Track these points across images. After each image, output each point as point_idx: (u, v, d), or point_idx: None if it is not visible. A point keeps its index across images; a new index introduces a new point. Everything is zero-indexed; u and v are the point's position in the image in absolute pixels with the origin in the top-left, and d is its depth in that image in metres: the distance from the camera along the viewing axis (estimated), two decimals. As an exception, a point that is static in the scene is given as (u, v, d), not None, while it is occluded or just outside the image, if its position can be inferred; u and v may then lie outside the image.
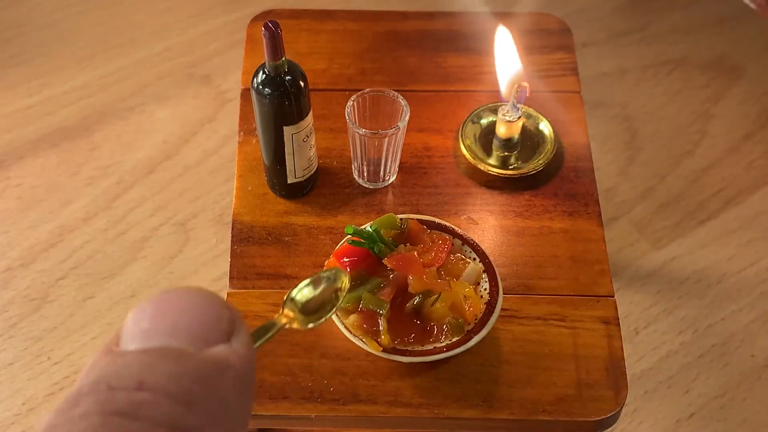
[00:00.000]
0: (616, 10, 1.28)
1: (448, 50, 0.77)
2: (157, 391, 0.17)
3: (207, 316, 0.19)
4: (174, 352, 0.18)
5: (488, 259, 0.60)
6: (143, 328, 0.19)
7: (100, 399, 0.17)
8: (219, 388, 0.18)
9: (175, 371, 0.18)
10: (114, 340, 0.19)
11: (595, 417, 0.57)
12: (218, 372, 0.18)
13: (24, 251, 0.99)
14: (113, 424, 0.17)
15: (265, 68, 0.58)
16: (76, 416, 0.17)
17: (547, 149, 0.69)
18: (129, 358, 0.18)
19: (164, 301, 0.19)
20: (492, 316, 0.57)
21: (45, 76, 1.17)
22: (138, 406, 0.17)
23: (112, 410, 0.17)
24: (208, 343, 0.19)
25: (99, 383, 0.18)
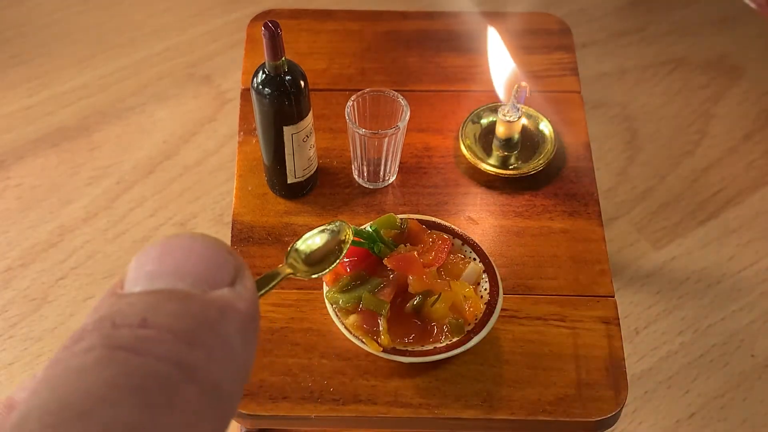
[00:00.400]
0: (616, 10, 1.28)
1: (448, 50, 0.77)
2: (160, 329, 0.17)
3: (212, 260, 0.19)
4: (178, 293, 0.18)
5: (488, 259, 0.60)
6: (147, 271, 0.19)
7: (103, 334, 0.17)
8: (222, 330, 0.18)
9: (178, 310, 0.18)
10: (118, 283, 0.19)
11: (595, 417, 0.57)
12: (222, 314, 0.18)
13: (24, 251, 0.99)
14: (117, 357, 0.17)
15: (265, 68, 0.58)
16: (80, 350, 0.17)
17: (547, 149, 0.69)
18: (133, 299, 0.18)
19: (169, 245, 0.20)
20: (492, 316, 0.57)
21: (45, 76, 1.17)
22: (142, 341, 0.17)
23: (116, 345, 0.17)
24: (212, 286, 0.19)
25: (103, 321, 0.18)
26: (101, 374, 0.16)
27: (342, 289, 0.57)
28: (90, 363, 0.17)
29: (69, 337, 0.18)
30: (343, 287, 0.57)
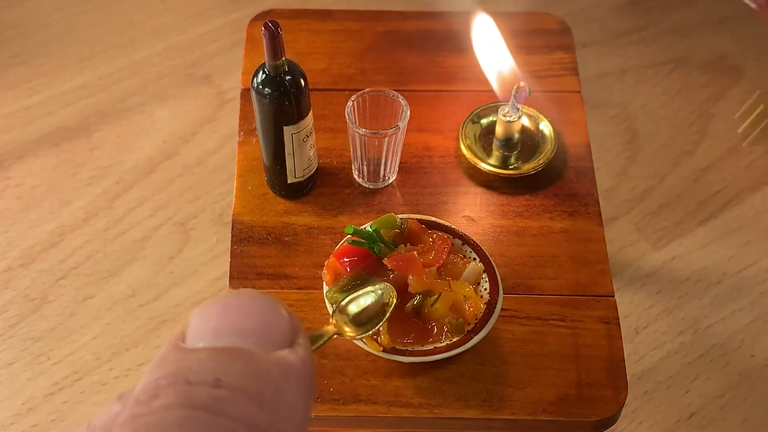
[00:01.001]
0: (616, 10, 1.28)
1: (448, 50, 0.77)
2: (234, 390, 0.18)
3: (272, 321, 0.20)
4: (244, 353, 0.19)
5: (488, 259, 0.60)
6: (211, 327, 0.20)
7: (180, 392, 0.18)
8: (286, 390, 0.19)
9: (247, 371, 0.18)
10: (179, 336, 0.20)
11: (595, 417, 0.57)
12: (285, 375, 0.19)
13: (24, 251, 0.99)
14: (198, 418, 0.17)
15: (265, 68, 0.58)
16: (159, 407, 0.18)
17: (547, 149, 0.69)
18: (202, 355, 0.19)
19: (230, 303, 0.20)
20: (492, 316, 0.57)
21: (45, 76, 1.17)
22: (219, 402, 0.18)
23: (196, 404, 0.18)
24: (273, 346, 0.19)
25: (177, 376, 0.18)
26: None
27: (342, 288, 0.57)
28: (172, 421, 0.17)
29: (140, 391, 0.19)
30: (343, 287, 0.57)
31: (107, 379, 0.90)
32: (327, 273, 0.58)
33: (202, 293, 0.96)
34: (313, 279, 0.63)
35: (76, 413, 0.88)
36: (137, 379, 0.90)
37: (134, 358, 0.91)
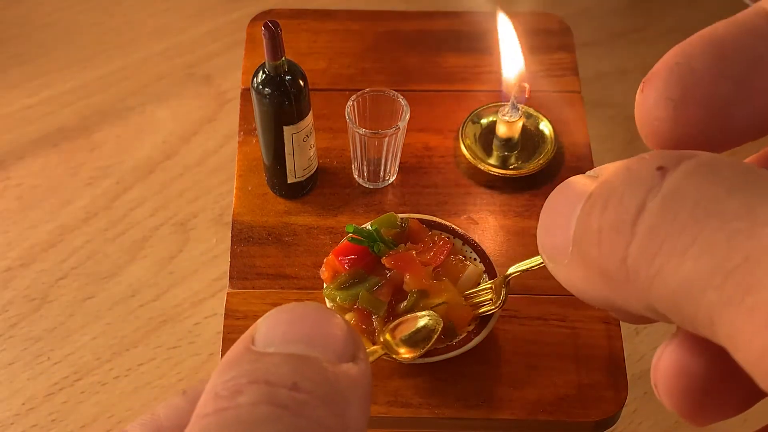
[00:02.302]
0: (616, 10, 1.28)
1: (448, 50, 0.77)
2: (311, 395, 0.19)
3: (337, 333, 0.21)
4: (315, 361, 0.20)
5: (489, 260, 0.59)
6: (281, 332, 0.20)
7: (263, 391, 0.19)
8: (351, 401, 0.20)
9: (320, 378, 0.19)
10: (248, 339, 0.21)
11: (596, 417, 0.57)
12: (350, 387, 0.20)
13: (24, 251, 0.99)
14: (283, 416, 0.18)
15: (265, 68, 0.58)
16: (245, 404, 0.19)
17: (547, 149, 0.69)
18: (276, 360, 0.20)
19: (298, 312, 0.21)
20: (492, 317, 0.57)
21: (45, 76, 1.17)
22: (300, 405, 0.19)
23: (280, 404, 0.18)
24: (339, 358, 0.20)
25: (256, 377, 0.19)
26: (272, 429, 0.18)
27: (339, 286, 0.56)
28: (260, 417, 0.18)
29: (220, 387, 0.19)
30: (340, 285, 0.56)
31: (107, 379, 0.90)
32: (325, 270, 0.58)
33: (202, 293, 0.96)
34: (313, 279, 0.62)
35: (76, 413, 0.88)
36: (137, 379, 0.90)
37: (134, 358, 0.91)
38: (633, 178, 0.18)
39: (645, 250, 0.17)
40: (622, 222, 0.18)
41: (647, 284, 0.17)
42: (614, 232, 0.18)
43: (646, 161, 0.18)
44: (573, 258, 0.20)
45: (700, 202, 0.17)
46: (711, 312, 0.16)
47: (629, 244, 0.17)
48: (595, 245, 0.18)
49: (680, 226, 0.17)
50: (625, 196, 0.18)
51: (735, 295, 0.16)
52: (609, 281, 0.18)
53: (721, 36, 0.20)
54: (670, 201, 0.17)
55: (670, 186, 0.17)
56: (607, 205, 0.18)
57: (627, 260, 0.17)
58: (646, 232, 0.17)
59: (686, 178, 0.17)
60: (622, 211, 0.18)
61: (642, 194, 0.18)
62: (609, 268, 0.18)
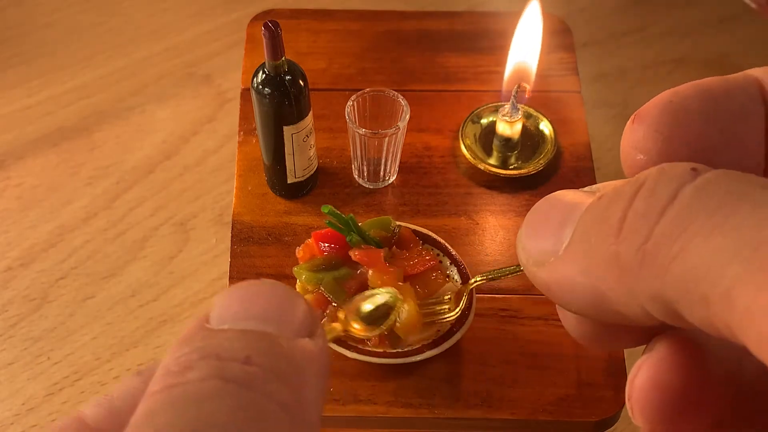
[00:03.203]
0: (616, 9, 1.28)
1: (448, 50, 0.77)
2: (263, 368, 0.19)
3: (293, 310, 0.21)
4: (269, 336, 0.20)
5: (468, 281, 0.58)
6: (235, 311, 0.20)
7: (213, 366, 0.19)
8: (308, 375, 0.20)
9: (274, 352, 0.19)
10: (203, 318, 0.21)
11: (596, 417, 0.57)
12: (307, 360, 0.20)
13: (24, 251, 0.99)
14: (233, 390, 0.18)
15: (265, 68, 0.58)
16: (195, 379, 0.18)
17: (547, 149, 0.69)
18: (230, 335, 0.20)
19: (253, 289, 0.21)
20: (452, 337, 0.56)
21: (45, 76, 1.17)
22: (251, 378, 0.18)
23: (228, 378, 0.18)
24: (295, 334, 0.20)
25: (207, 352, 0.19)
26: (222, 404, 0.18)
27: (310, 268, 0.57)
28: (208, 392, 0.18)
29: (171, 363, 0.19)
30: (312, 267, 0.57)
31: (107, 379, 0.90)
32: (302, 250, 0.58)
33: (202, 293, 0.96)
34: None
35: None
36: (137, 379, 0.90)
37: (134, 358, 0.91)
38: (667, 173, 0.18)
39: (670, 231, 0.17)
40: (651, 208, 0.18)
41: (664, 266, 0.17)
42: (641, 218, 0.18)
43: (680, 164, 0.19)
44: (567, 255, 0.20)
45: (732, 191, 0.17)
46: (733, 284, 0.16)
47: (654, 228, 0.18)
48: (612, 234, 0.18)
49: (711, 209, 0.17)
50: (657, 187, 0.18)
51: (762, 268, 0.16)
52: (613, 271, 0.18)
53: (714, 87, 0.21)
54: (703, 188, 0.17)
55: (704, 179, 0.18)
56: (637, 195, 0.18)
57: (647, 244, 0.18)
58: (674, 215, 0.17)
59: (719, 176, 0.18)
60: (654, 200, 0.18)
61: (675, 186, 0.18)
62: (625, 255, 0.18)
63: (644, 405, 0.21)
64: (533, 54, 0.65)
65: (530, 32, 0.65)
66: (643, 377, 0.21)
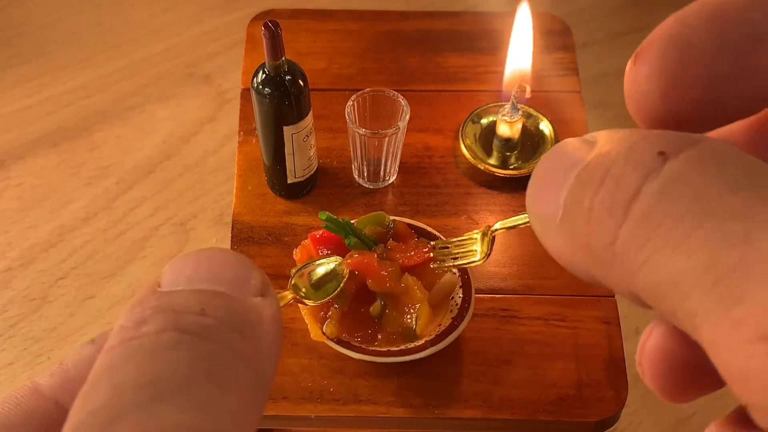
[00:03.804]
0: (615, 10, 1.28)
1: (448, 50, 0.77)
2: (218, 320, 0.19)
3: (244, 272, 0.21)
4: (222, 294, 0.20)
5: (468, 276, 0.58)
6: (186, 275, 0.20)
7: (168, 318, 0.19)
8: (262, 330, 0.20)
9: (228, 306, 0.19)
10: (154, 284, 0.21)
11: (596, 417, 0.57)
12: (260, 316, 0.20)
13: (24, 251, 0.99)
14: (188, 341, 0.18)
15: (265, 68, 0.58)
16: (151, 332, 0.18)
17: (547, 149, 0.69)
18: (184, 293, 0.20)
19: (203, 255, 0.21)
20: (454, 331, 0.55)
21: (45, 76, 1.17)
22: (205, 328, 0.19)
23: (185, 329, 0.18)
24: (247, 294, 0.20)
25: (162, 307, 0.19)
26: (180, 354, 0.18)
27: None
28: (165, 343, 0.18)
29: (125, 320, 0.19)
30: None
31: (107, 379, 0.90)
32: (299, 252, 0.57)
33: (202, 293, 0.96)
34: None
35: (76, 413, 0.88)
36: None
37: (134, 358, 0.91)
38: (632, 159, 0.17)
39: (635, 237, 0.17)
40: (615, 204, 0.17)
41: (633, 271, 0.17)
42: (606, 212, 0.17)
43: (648, 143, 0.17)
44: (561, 228, 0.19)
45: (701, 195, 0.16)
46: (695, 313, 0.16)
47: (620, 227, 0.17)
48: (584, 222, 0.18)
49: (676, 217, 0.16)
50: (622, 178, 0.17)
51: (722, 303, 0.15)
52: (594, 259, 0.18)
53: (723, 6, 0.19)
54: (669, 188, 0.16)
55: (671, 172, 0.17)
56: (602, 184, 0.17)
57: (615, 243, 0.17)
58: (639, 218, 0.17)
59: (688, 166, 0.17)
60: (618, 192, 0.17)
61: (640, 177, 0.17)
62: (596, 248, 0.18)
63: (655, 372, 0.21)
64: (527, 55, 0.65)
65: (523, 34, 0.65)
66: (653, 344, 0.20)
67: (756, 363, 0.15)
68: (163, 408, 0.17)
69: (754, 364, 0.15)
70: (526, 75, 0.65)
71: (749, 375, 0.15)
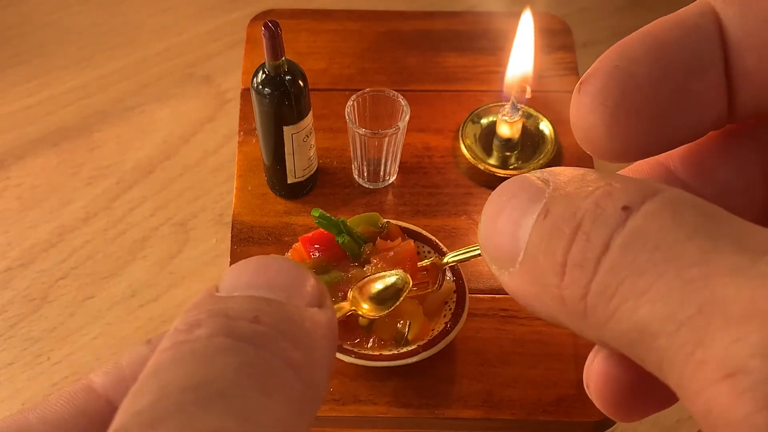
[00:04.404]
0: (616, 10, 1.28)
1: (448, 50, 0.77)
2: (273, 328, 0.19)
3: (303, 282, 0.21)
4: (279, 303, 0.20)
5: (462, 281, 0.58)
6: (245, 281, 0.20)
7: (222, 324, 0.19)
8: (316, 340, 0.20)
9: (283, 315, 0.19)
10: (212, 288, 0.21)
11: (596, 417, 0.57)
12: (315, 326, 0.20)
13: (24, 251, 0.99)
14: (240, 347, 0.18)
15: (265, 68, 0.58)
16: (203, 336, 0.18)
17: (547, 149, 0.69)
18: (239, 299, 0.20)
19: (262, 262, 0.21)
20: (447, 336, 0.55)
21: (45, 76, 1.17)
22: (259, 336, 0.18)
23: (237, 335, 0.18)
24: (304, 303, 0.20)
25: (216, 312, 0.19)
26: (228, 360, 0.18)
27: None
28: (215, 348, 0.18)
29: (180, 323, 0.19)
30: None
31: (107, 379, 0.90)
32: (290, 256, 0.57)
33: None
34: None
35: (76, 413, 0.88)
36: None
37: (134, 358, 0.91)
38: (599, 216, 0.18)
39: (604, 290, 0.17)
40: (586, 259, 0.18)
41: (603, 322, 0.17)
42: (578, 268, 0.18)
43: (612, 198, 0.18)
44: (522, 271, 0.19)
45: (660, 246, 0.17)
46: (661, 358, 0.16)
47: (591, 281, 0.18)
48: (556, 275, 0.18)
49: (639, 269, 0.17)
50: (591, 234, 0.18)
51: (685, 347, 0.16)
52: (566, 310, 0.18)
53: (664, 37, 0.19)
54: (631, 242, 0.17)
55: (632, 227, 0.17)
56: (574, 240, 0.18)
57: (587, 297, 0.18)
58: (606, 272, 0.17)
59: (648, 219, 0.17)
60: (588, 248, 0.18)
61: (607, 234, 0.18)
62: (568, 301, 0.18)
63: (600, 394, 0.21)
64: (529, 60, 0.65)
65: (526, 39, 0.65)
66: (597, 368, 0.21)
67: (719, 403, 0.15)
68: (205, 413, 0.16)
69: (717, 404, 0.15)
70: (527, 78, 0.65)
71: (714, 414, 0.15)
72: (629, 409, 0.21)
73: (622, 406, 0.21)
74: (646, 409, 0.22)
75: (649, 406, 0.22)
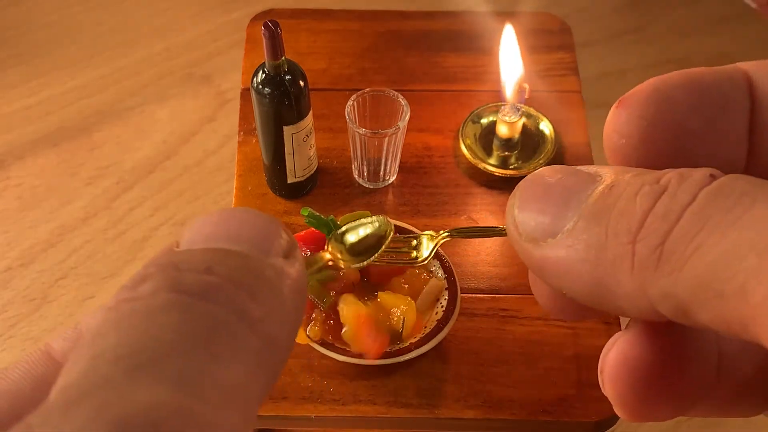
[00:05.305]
0: (616, 9, 1.28)
1: (448, 50, 0.77)
2: (224, 278, 0.17)
3: (268, 231, 0.20)
4: (239, 253, 0.19)
5: (454, 277, 0.58)
6: (205, 233, 0.19)
7: (168, 277, 0.17)
8: (278, 290, 0.18)
9: (240, 265, 0.18)
10: (173, 243, 0.20)
11: (596, 417, 0.57)
12: (279, 276, 0.19)
13: (24, 251, 0.99)
14: (183, 302, 0.17)
15: (265, 68, 0.58)
16: (146, 292, 0.17)
17: (547, 149, 0.69)
18: (195, 251, 0.19)
19: (226, 214, 0.20)
20: (439, 334, 0.55)
21: (45, 76, 1.17)
22: (207, 287, 0.17)
23: (182, 289, 0.17)
24: (268, 254, 0.19)
25: (165, 265, 0.18)
26: (169, 320, 0.16)
27: None
28: (156, 307, 0.17)
29: (129, 279, 0.18)
30: None
31: (107, 379, 0.90)
32: None
33: (202, 293, 0.96)
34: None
35: (76, 413, 0.88)
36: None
37: (134, 358, 0.91)
38: (686, 179, 0.19)
39: (687, 230, 0.18)
40: (670, 210, 0.18)
41: (680, 264, 0.17)
42: (660, 219, 0.18)
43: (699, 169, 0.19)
44: (569, 240, 0.20)
45: (747, 192, 0.17)
46: (747, 278, 0.16)
47: (673, 227, 0.18)
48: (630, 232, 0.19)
49: (727, 207, 0.17)
50: (678, 190, 0.19)
51: None
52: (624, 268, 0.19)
53: (702, 77, 0.21)
54: (720, 190, 0.18)
55: (720, 182, 0.18)
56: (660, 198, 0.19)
57: (665, 243, 0.18)
58: (692, 214, 0.18)
59: (733, 179, 0.18)
60: (674, 202, 0.18)
61: (695, 190, 0.18)
62: (640, 253, 0.18)
63: (614, 378, 0.21)
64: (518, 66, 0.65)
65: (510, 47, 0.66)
66: (618, 350, 0.21)
67: None
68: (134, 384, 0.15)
69: None
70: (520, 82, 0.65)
71: None
72: (640, 402, 0.21)
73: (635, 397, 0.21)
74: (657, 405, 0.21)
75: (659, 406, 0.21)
